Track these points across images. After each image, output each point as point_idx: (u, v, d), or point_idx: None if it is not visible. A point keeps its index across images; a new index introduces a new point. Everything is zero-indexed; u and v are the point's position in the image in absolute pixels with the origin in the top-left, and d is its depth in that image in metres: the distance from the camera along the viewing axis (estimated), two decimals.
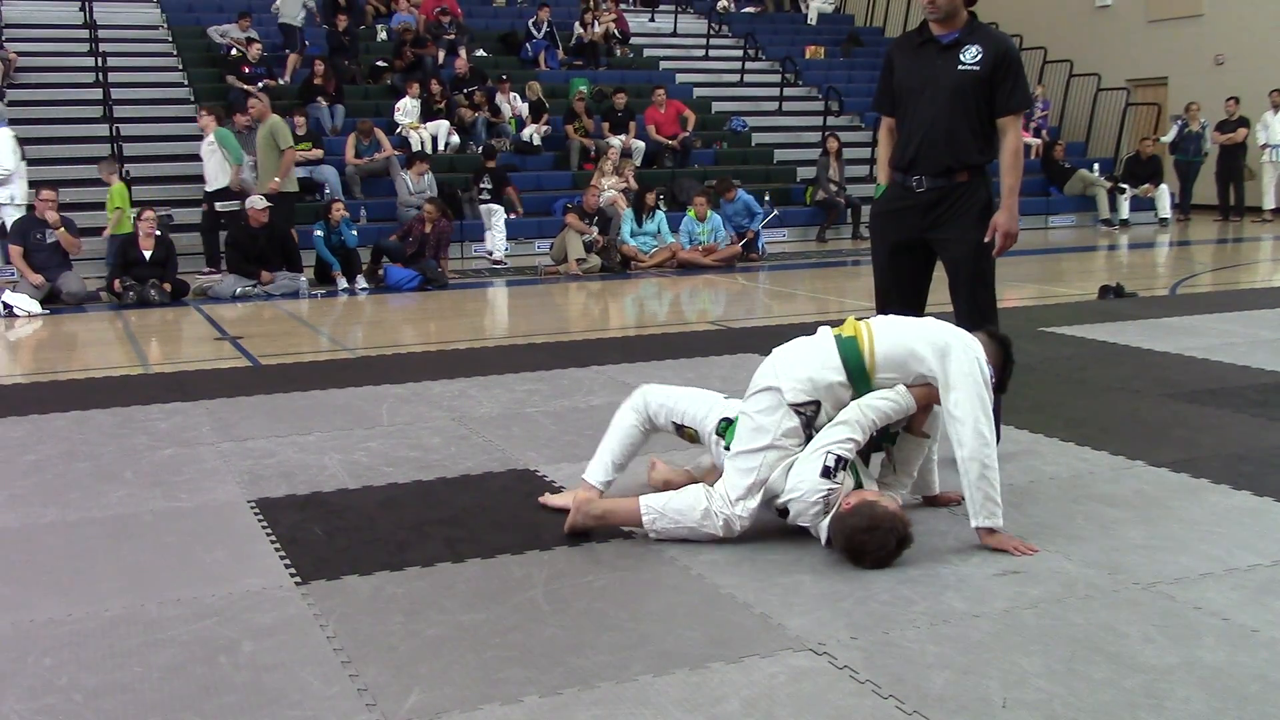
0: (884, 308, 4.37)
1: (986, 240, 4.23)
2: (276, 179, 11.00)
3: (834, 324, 3.71)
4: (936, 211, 4.28)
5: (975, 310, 4.25)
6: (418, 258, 10.91)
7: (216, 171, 11.30)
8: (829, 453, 3.41)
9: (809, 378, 3.51)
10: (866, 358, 3.52)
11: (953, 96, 4.20)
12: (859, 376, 3.52)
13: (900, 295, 4.38)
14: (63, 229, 10.06)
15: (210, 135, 11.27)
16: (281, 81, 15.20)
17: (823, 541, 3.47)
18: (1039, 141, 16.75)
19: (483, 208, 12.95)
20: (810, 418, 3.50)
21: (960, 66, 4.20)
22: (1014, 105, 4.22)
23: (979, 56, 4.18)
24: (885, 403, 3.50)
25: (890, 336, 3.57)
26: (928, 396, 3.56)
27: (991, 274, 4.34)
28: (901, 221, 4.37)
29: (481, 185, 13.09)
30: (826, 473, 3.39)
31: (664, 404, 3.87)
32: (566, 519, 3.69)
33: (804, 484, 3.43)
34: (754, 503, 3.51)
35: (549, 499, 4.02)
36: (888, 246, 4.45)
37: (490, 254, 12.56)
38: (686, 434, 3.89)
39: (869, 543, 3.32)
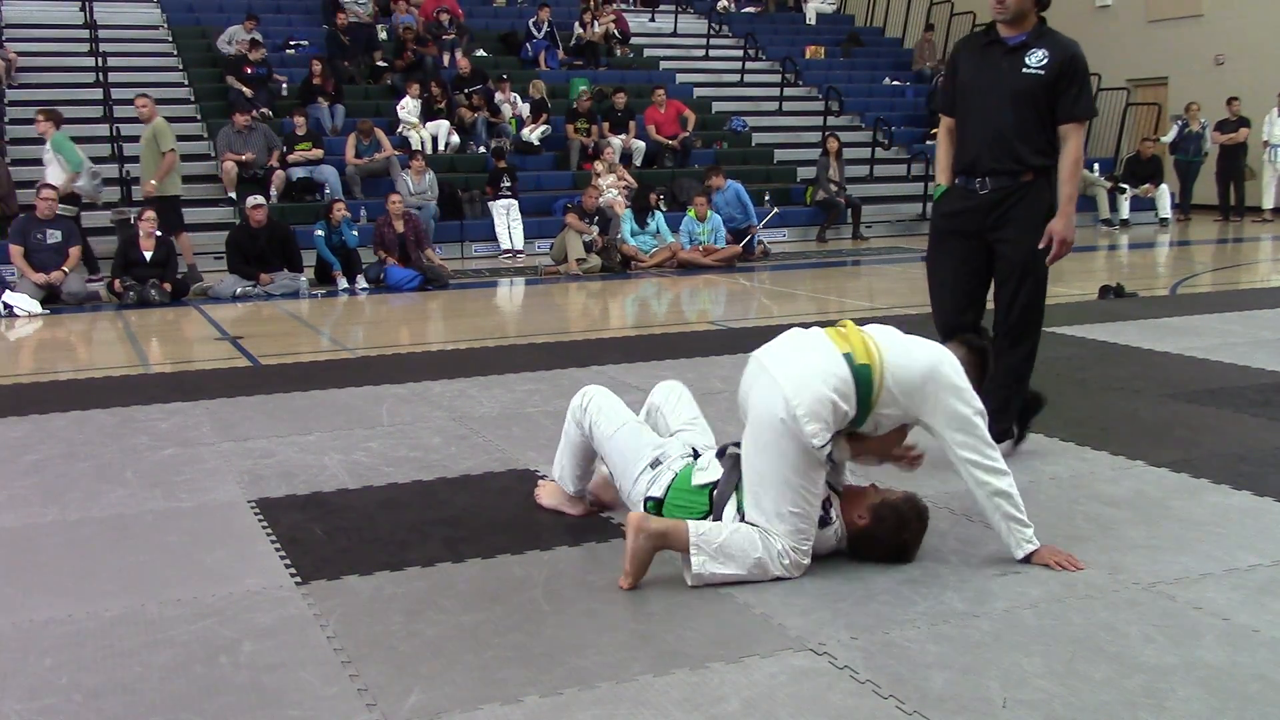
0: (941, 311, 4.35)
1: (1042, 247, 4.20)
2: (153, 182, 10.83)
3: (829, 322, 3.60)
4: (999, 210, 4.23)
5: (1015, 309, 4.24)
6: (403, 260, 10.84)
7: (56, 177, 10.87)
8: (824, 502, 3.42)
9: (832, 414, 3.23)
10: (875, 393, 3.27)
11: (1015, 100, 4.13)
12: (863, 409, 3.29)
13: (956, 298, 4.33)
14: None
15: (48, 141, 10.90)
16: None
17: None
18: None
19: (500, 203, 13.11)
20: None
21: (1025, 70, 4.12)
22: (1078, 113, 4.16)
23: (1044, 61, 4.11)
24: None
25: (901, 375, 3.29)
26: (902, 434, 3.49)
27: (1045, 278, 4.30)
28: (963, 222, 4.31)
29: (503, 185, 13.22)
30: (824, 523, 3.38)
31: (595, 432, 3.70)
32: (625, 559, 3.25)
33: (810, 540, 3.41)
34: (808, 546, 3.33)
35: (541, 496, 4.01)
36: (947, 248, 4.39)
37: (512, 251, 12.94)
38: (604, 472, 3.80)
39: (910, 539, 3.41)
